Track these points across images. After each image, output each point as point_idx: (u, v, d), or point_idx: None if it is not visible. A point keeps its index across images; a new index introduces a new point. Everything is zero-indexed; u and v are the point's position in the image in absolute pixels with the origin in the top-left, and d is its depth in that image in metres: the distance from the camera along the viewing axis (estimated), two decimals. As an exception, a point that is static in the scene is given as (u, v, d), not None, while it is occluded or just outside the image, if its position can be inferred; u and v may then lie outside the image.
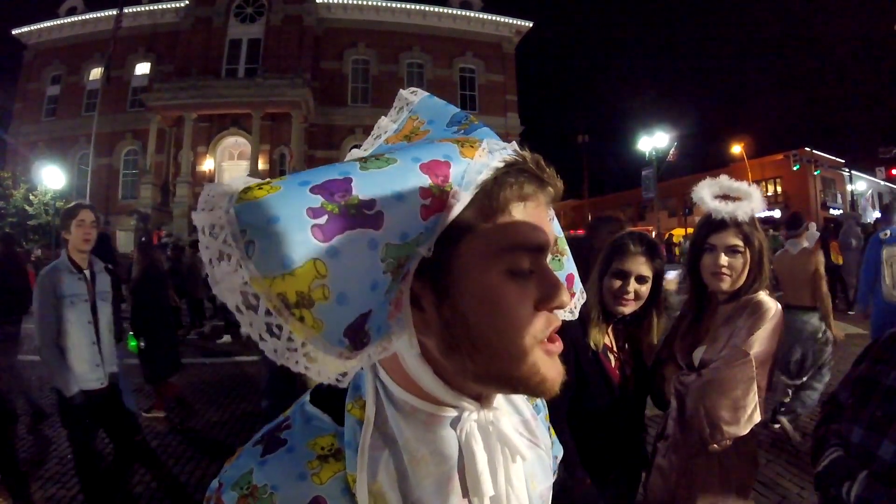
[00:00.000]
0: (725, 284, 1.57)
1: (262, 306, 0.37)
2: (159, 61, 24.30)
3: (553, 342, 0.49)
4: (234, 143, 23.40)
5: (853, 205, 27.75)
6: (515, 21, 27.04)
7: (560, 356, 0.50)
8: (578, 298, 0.68)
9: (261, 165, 21.46)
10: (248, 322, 0.38)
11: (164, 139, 22.50)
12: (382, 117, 0.63)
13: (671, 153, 24.71)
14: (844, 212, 27.18)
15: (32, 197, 18.33)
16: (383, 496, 0.47)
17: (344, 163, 0.43)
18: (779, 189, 32.48)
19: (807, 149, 29.43)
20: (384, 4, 25.23)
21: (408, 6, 25.47)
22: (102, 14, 24.31)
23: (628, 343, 1.74)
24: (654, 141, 24.19)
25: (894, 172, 23.67)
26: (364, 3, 25.09)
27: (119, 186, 24.20)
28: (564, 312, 0.65)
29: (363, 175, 0.40)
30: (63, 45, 25.34)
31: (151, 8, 24.62)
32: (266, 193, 0.37)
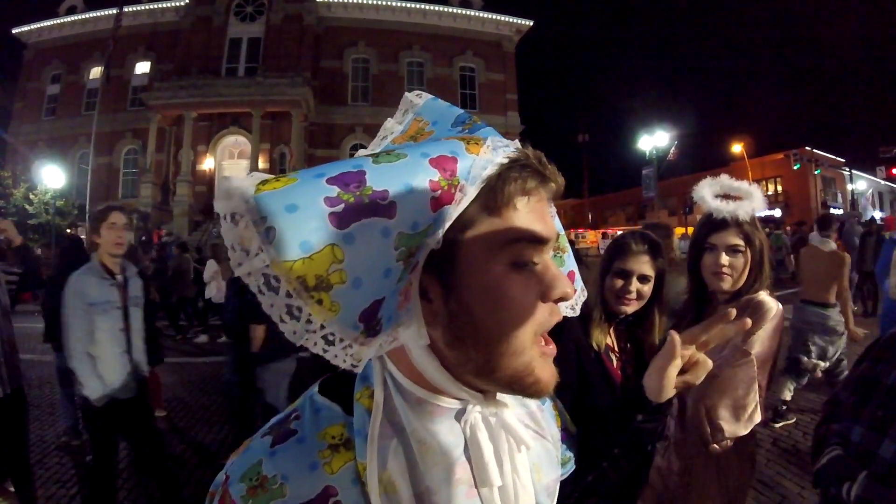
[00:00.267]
0: (726, 284, 1.57)
1: (283, 289, 0.39)
2: (159, 60, 24.25)
3: (548, 344, 0.50)
4: (235, 142, 23.37)
5: (853, 204, 27.74)
6: (516, 20, 26.98)
7: (561, 357, 0.51)
8: (580, 295, 0.69)
9: (261, 164, 21.44)
10: (270, 303, 0.40)
11: (165, 138, 22.46)
12: (388, 119, 0.64)
13: (671, 152, 24.68)
14: (846, 211, 27.19)
15: (32, 196, 18.34)
16: (393, 484, 0.47)
17: (356, 158, 0.44)
18: (779, 188, 32.45)
19: (807, 148, 29.38)
20: (384, 3, 25.17)
21: (408, 5, 25.42)
22: (102, 13, 24.26)
23: (630, 343, 1.73)
24: (655, 140, 24.16)
25: (894, 172, 23.67)
26: (364, 2, 25.04)
27: (119, 185, 24.16)
28: (566, 308, 0.66)
29: (376, 168, 0.42)
30: (63, 45, 25.30)
31: (151, 7, 24.57)
32: (283, 185, 0.39)
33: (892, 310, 3.94)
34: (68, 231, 16.25)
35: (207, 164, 22.79)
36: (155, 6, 24.55)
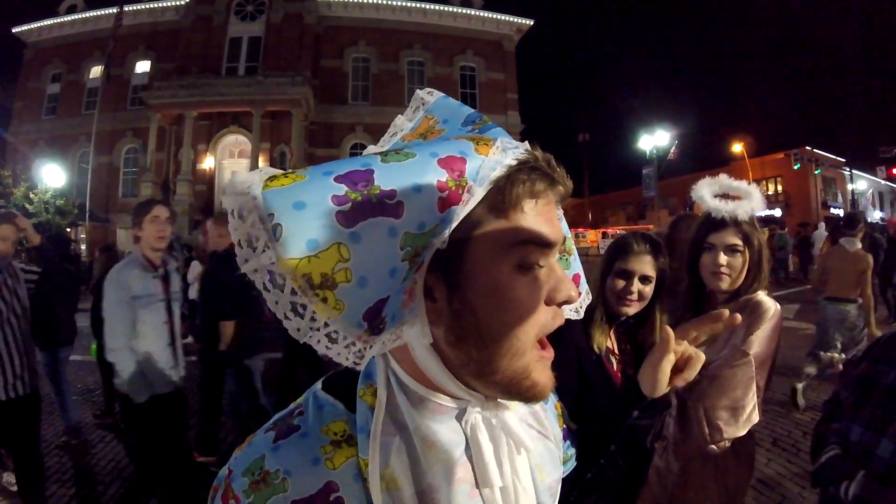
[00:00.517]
0: (724, 284, 1.57)
1: (288, 286, 0.39)
2: (159, 59, 24.23)
3: (545, 348, 0.51)
4: (235, 142, 23.37)
5: (854, 204, 27.71)
6: (516, 19, 26.97)
7: (562, 360, 0.51)
8: (584, 298, 0.69)
9: (261, 163, 21.40)
10: (275, 300, 0.41)
11: (165, 137, 22.46)
12: (399, 115, 0.64)
13: (672, 152, 24.67)
14: (846, 211, 27.14)
15: (32, 195, 18.30)
16: (395, 481, 0.48)
17: (364, 156, 0.44)
18: (779, 188, 32.44)
19: (807, 148, 29.38)
20: (384, 2, 25.16)
21: (408, 4, 25.40)
22: (102, 12, 24.24)
23: (630, 345, 1.71)
24: (655, 139, 24.14)
25: (895, 171, 23.66)
26: (364, 2, 25.02)
27: (119, 185, 24.15)
28: (570, 311, 0.66)
29: (384, 167, 0.42)
30: (63, 44, 25.29)
31: (151, 6, 24.55)
32: (292, 181, 0.39)
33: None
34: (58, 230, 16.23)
35: (208, 164, 22.79)
36: (155, 5, 24.54)
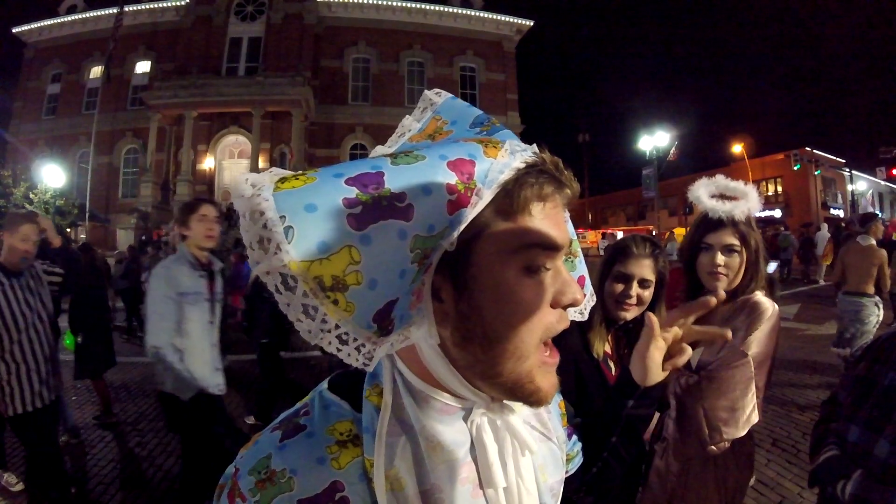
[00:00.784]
0: (722, 284, 1.57)
1: (300, 288, 0.39)
2: (160, 60, 24.26)
3: (551, 353, 0.51)
4: (235, 142, 23.38)
5: (854, 205, 27.72)
6: (516, 20, 26.99)
7: (560, 365, 0.52)
8: (588, 301, 0.70)
9: (261, 164, 21.42)
10: (286, 302, 0.41)
11: (165, 137, 22.45)
12: (407, 116, 0.64)
13: (672, 152, 24.64)
14: (846, 212, 27.16)
15: (32, 195, 18.30)
16: (400, 481, 0.48)
17: (374, 158, 0.45)
18: (779, 189, 32.43)
19: (807, 148, 29.37)
20: (385, 3, 25.17)
21: (408, 4, 25.42)
22: (103, 12, 24.26)
23: (629, 349, 1.67)
24: (655, 140, 24.12)
25: (894, 172, 23.67)
26: (365, 2, 25.04)
27: (119, 185, 24.18)
28: (575, 312, 0.67)
29: (394, 169, 0.42)
30: (63, 44, 25.31)
31: (152, 6, 24.57)
32: (303, 183, 0.40)
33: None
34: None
35: (207, 164, 22.80)
36: (155, 6, 24.56)
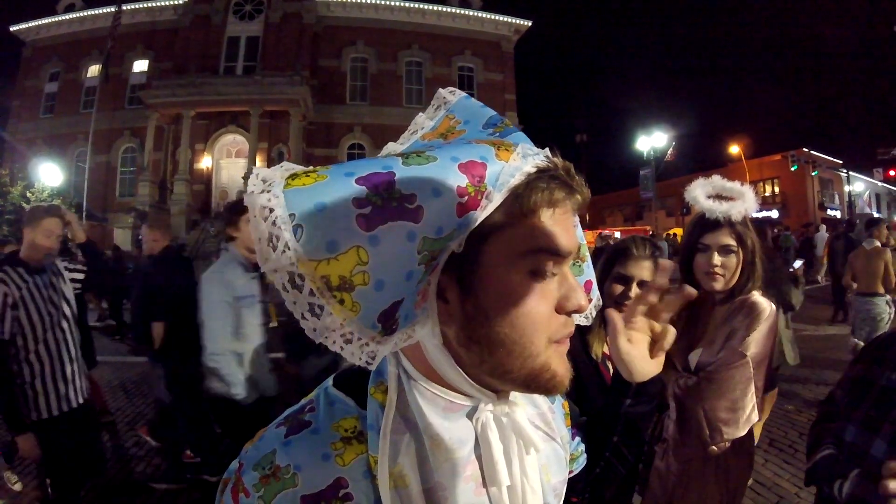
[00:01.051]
0: (719, 284, 1.58)
1: (307, 287, 0.40)
2: (157, 59, 24.16)
3: (562, 343, 0.51)
4: (233, 141, 23.31)
5: (851, 206, 27.82)
6: (514, 20, 26.95)
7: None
8: (595, 305, 0.69)
9: (259, 163, 21.30)
10: (293, 301, 0.41)
11: (163, 137, 22.39)
12: (420, 114, 0.64)
13: (669, 153, 24.70)
14: (843, 213, 27.23)
15: (30, 194, 18.20)
16: (404, 478, 0.48)
17: (385, 157, 0.44)
18: (777, 189, 32.50)
19: (805, 149, 29.47)
20: (383, 3, 25.12)
21: (407, 4, 25.38)
22: (101, 11, 24.13)
23: None
24: (653, 140, 24.17)
25: (892, 173, 23.76)
26: (363, 2, 24.98)
27: (117, 184, 24.06)
28: (580, 317, 0.66)
29: (405, 170, 0.42)
30: (61, 43, 25.19)
31: (150, 5, 24.46)
32: (313, 181, 0.40)
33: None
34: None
35: (205, 163, 22.73)
36: (153, 4, 24.46)
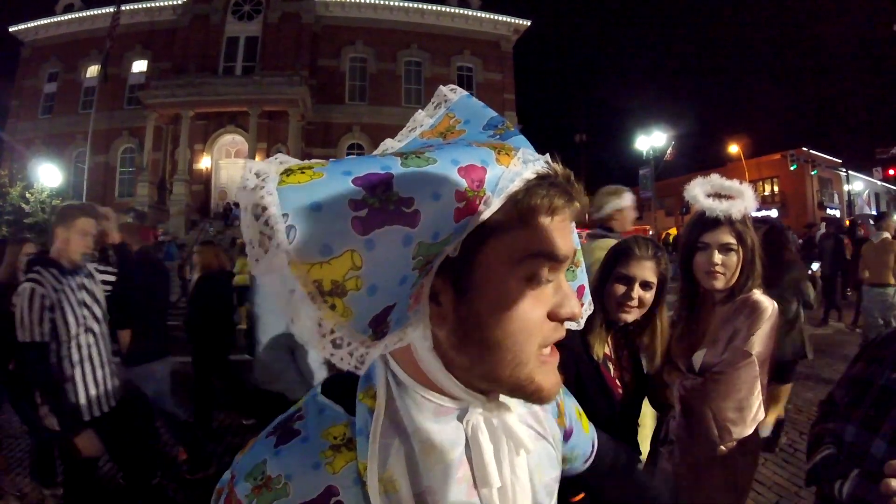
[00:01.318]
0: (719, 283, 1.57)
1: (299, 290, 0.38)
2: (156, 59, 24.15)
3: (550, 353, 0.51)
4: (232, 141, 23.32)
5: (850, 205, 27.85)
6: (513, 20, 26.96)
7: (559, 366, 0.51)
8: (586, 309, 0.69)
9: (258, 163, 21.33)
10: (285, 304, 0.39)
11: (161, 137, 22.38)
12: (419, 111, 0.63)
13: (668, 152, 24.69)
14: (843, 212, 27.28)
15: (29, 195, 18.20)
16: (394, 484, 0.48)
17: (384, 156, 0.43)
18: (776, 188, 32.54)
19: (804, 149, 29.51)
20: (382, 2, 25.11)
21: (406, 4, 25.37)
22: (100, 11, 24.11)
23: (628, 349, 1.68)
24: (652, 140, 24.16)
25: (891, 172, 23.77)
26: (362, 1, 24.98)
27: (116, 184, 24.05)
28: (571, 323, 0.66)
29: (403, 171, 0.40)
30: (60, 43, 25.16)
31: (149, 5, 24.46)
32: (309, 179, 0.38)
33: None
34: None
35: (204, 163, 22.74)
36: (152, 4, 24.44)
